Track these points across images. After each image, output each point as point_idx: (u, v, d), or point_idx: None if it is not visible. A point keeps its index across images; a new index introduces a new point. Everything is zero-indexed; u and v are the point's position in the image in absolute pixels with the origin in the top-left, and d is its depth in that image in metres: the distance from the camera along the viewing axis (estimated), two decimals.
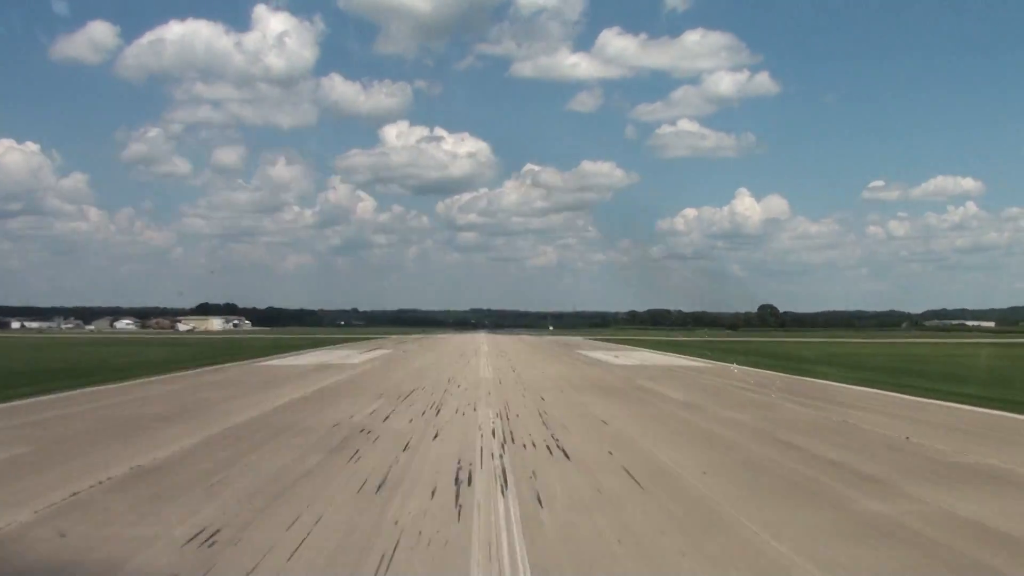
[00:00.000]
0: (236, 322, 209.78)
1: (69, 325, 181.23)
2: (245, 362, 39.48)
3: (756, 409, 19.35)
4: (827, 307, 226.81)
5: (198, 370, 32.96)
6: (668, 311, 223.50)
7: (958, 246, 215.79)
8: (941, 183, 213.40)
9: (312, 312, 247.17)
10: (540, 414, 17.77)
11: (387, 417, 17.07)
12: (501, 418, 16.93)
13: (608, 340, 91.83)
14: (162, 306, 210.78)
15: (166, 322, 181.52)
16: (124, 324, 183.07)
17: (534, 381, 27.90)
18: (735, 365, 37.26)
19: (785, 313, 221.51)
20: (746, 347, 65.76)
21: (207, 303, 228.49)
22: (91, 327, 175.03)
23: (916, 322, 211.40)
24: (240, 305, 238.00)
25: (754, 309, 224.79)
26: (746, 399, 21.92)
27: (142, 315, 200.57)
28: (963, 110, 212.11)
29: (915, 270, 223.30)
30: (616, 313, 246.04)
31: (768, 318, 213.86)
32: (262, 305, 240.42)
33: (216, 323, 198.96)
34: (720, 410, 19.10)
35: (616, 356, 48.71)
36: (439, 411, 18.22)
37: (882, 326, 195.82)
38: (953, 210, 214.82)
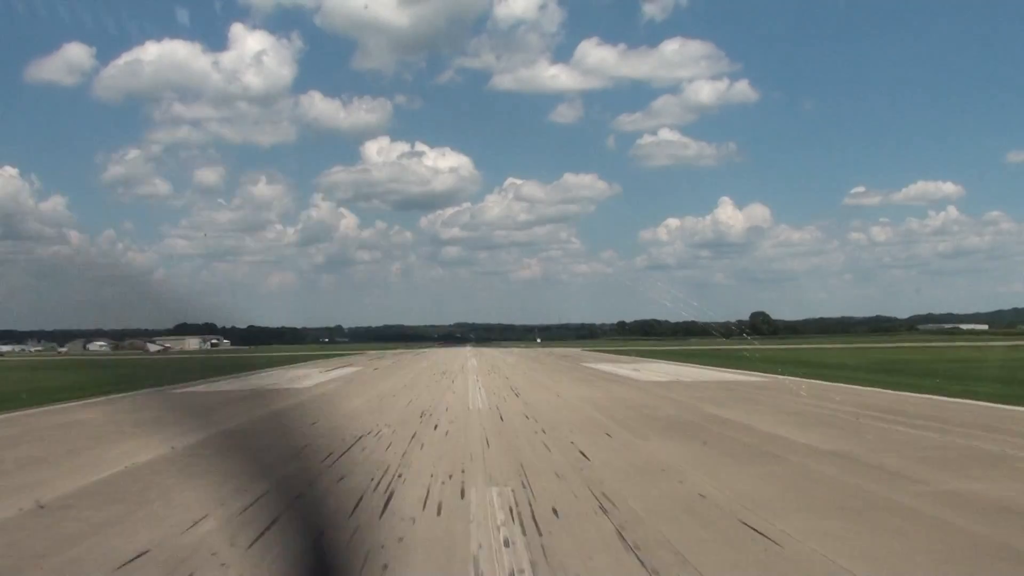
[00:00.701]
0: (214, 341, 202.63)
1: (39, 348, 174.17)
2: (170, 388, 30.03)
3: (989, 469, 10.22)
4: (811, 314, 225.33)
5: (89, 400, 23.66)
6: (657, 321, 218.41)
7: (940, 250, 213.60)
8: (922, 188, 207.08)
9: (294, 330, 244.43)
10: (600, 505, 8.49)
11: (264, 531, 7.73)
12: (519, 522, 7.67)
13: (608, 351, 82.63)
14: (144, 328, 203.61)
15: (139, 343, 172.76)
16: (98, 346, 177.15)
17: (552, 413, 18.63)
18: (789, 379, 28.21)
19: (777, 320, 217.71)
20: (770, 356, 56.47)
21: (186, 323, 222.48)
22: (63, 349, 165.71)
23: (911, 326, 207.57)
24: (220, 325, 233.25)
25: (745, 316, 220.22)
26: (930, 444, 12.75)
27: (120, 337, 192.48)
28: (942, 114, 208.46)
29: (898, 275, 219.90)
30: (603, 324, 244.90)
31: (761, 326, 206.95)
32: (243, 324, 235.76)
33: (193, 343, 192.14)
34: (935, 475, 9.90)
35: (636, 370, 39.50)
36: (388, 500, 8.90)
37: (876, 331, 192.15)
38: (934, 215, 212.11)
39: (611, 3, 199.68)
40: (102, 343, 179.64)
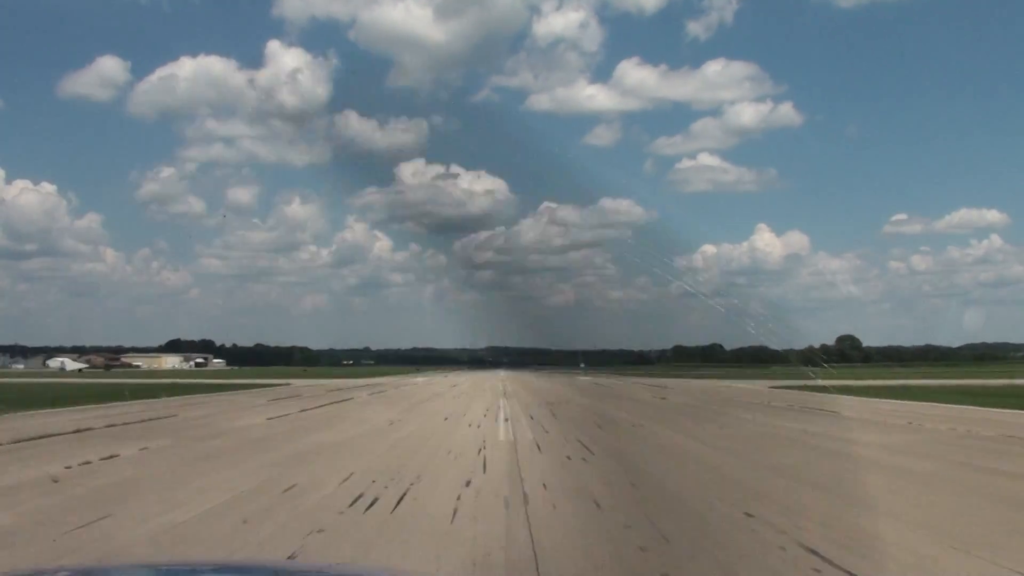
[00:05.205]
0: (200, 360, 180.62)
1: None
2: None
3: None
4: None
5: None
6: (720, 346, 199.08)
7: (982, 280, 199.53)
8: (965, 215, 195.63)
9: (306, 350, 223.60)
10: None
11: None
12: None
13: (802, 387, 53.78)
14: (138, 345, 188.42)
15: (99, 360, 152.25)
16: (59, 362, 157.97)
17: None
18: None
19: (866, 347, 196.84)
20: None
21: (179, 339, 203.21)
22: (20, 366, 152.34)
23: (1007, 354, 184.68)
24: (226, 343, 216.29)
25: (830, 341, 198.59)
26: None
27: (83, 352, 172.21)
28: (987, 141, 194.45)
29: (939, 304, 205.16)
30: (652, 351, 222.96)
31: (849, 352, 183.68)
32: (265, 342, 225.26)
33: (172, 361, 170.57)
34: None
35: None
36: None
37: (980, 359, 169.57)
38: (977, 243, 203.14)
39: (654, 22, 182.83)
40: (63, 359, 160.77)
